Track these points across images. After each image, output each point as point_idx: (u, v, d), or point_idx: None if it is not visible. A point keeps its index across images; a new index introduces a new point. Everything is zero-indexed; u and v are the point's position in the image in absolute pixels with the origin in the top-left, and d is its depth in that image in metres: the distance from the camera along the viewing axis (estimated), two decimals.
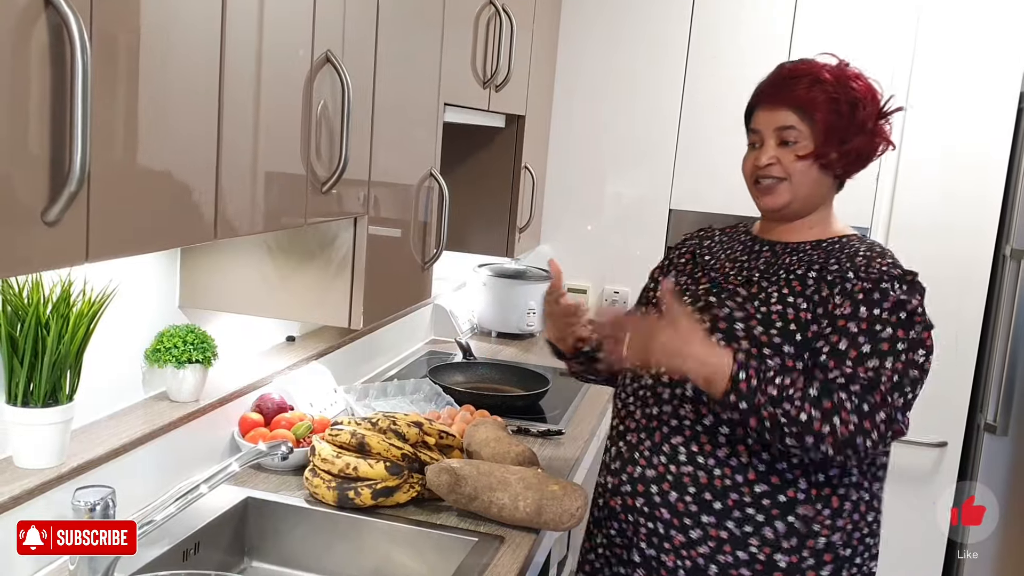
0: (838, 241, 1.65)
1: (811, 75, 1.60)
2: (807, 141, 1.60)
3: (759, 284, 1.63)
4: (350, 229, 1.80)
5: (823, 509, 1.57)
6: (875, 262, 1.56)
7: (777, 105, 1.62)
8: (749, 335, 1.56)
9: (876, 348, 1.49)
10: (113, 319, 1.63)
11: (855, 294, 1.53)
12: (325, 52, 1.53)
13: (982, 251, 3.13)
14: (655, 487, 1.61)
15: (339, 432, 1.83)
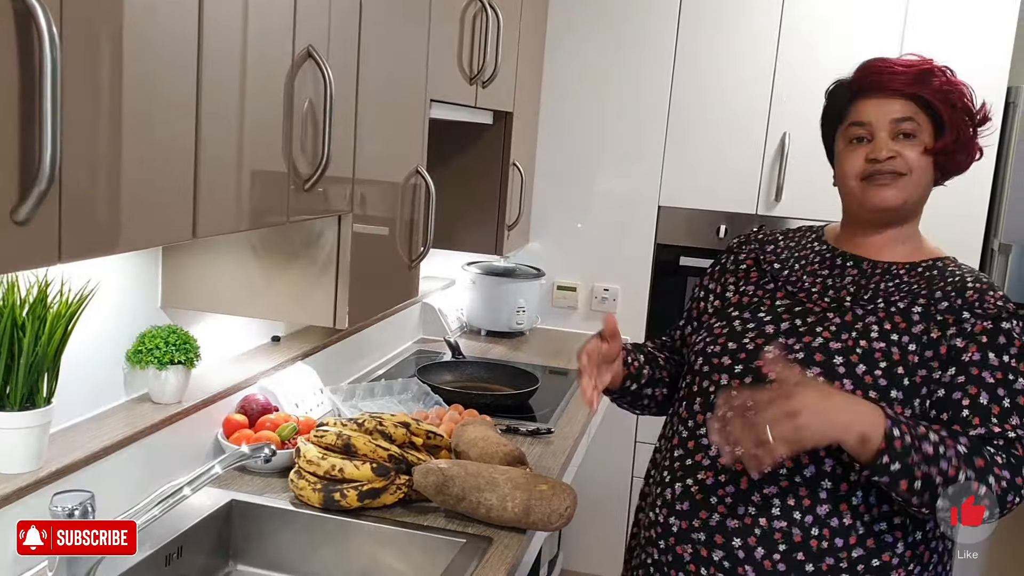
0: (935, 266, 1.51)
1: (927, 65, 1.47)
2: (927, 136, 1.47)
3: (853, 311, 1.47)
4: (334, 227, 1.77)
5: (915, 568, 1.45)
6: (988, 296, 1.43)
7: (892, 94, 1.47)
8: (851, 373, 1.40)
9: (1015, 402, 1.37)
10: (94, 320, 1.61)
11: (977, 336, 1.40)
12: (307, 47, 1.50)
13: (971, 246, 3.12)
14: (738, 540, 1.42)
15: (324, 433, 1.81)
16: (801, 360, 1.43)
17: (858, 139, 1.49)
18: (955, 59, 2.99)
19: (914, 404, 1.39)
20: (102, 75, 1.04)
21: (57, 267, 1.45)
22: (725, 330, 1.54)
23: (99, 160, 1.05)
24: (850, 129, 1.50)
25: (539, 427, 2.33)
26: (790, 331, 1.48)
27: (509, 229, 2.97)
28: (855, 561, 1.40)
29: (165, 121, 1.17)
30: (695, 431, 1.51)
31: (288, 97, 1.47)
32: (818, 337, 1.45)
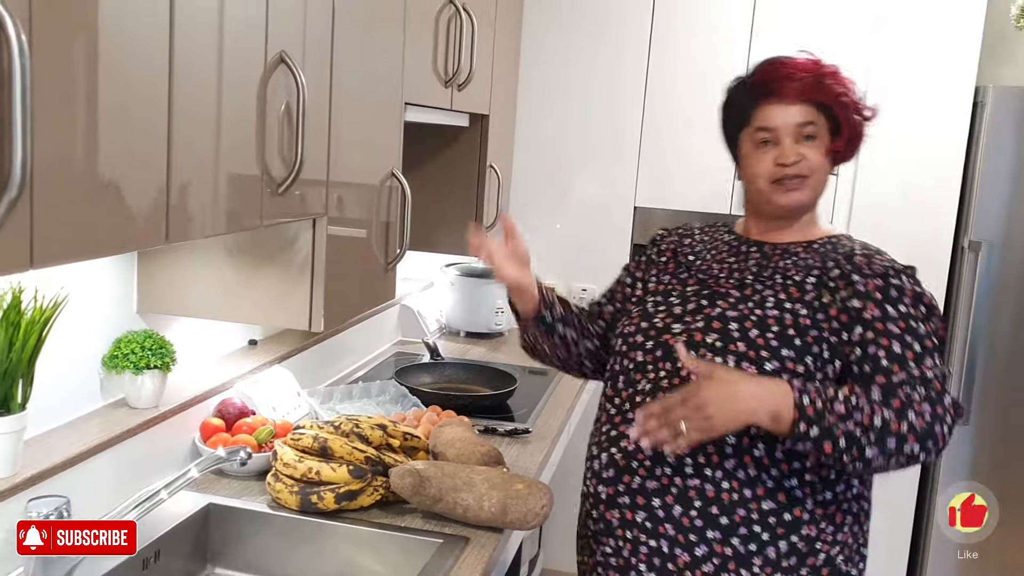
0: (828, 241, 1.62)
1: (820, 68, 1.58)
2: (825, 137, 1.57)
3: (752, 287, 1.59)
4: (310, 230, 1.78)
5: (827, 527, 1.52)
6: (875, 259, 1.55)
7: (793, 101, 1.56)
8: (744, 337, 1.52)
9: (924, 346, 1.47)
10: (69, 326, 1.61)
11: (871, 294, 1.50)
12: (279, 53, 1.51)
13: (941, 244, 3.17)
14: (657, 500, 1.52)
15: (301, 436, 1.81)
16: (701, 328, 1.56)
17: (764, 142, 1.59)
18: (923, 59, 3.06)
19: (806, 361, 1.49)
20: (73, 82, 1.04)
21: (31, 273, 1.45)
22: (640, 311, 1.68)
23: (71, 166, 1.06)
24: (757, 133, 1.59)
25: (517, 427, 2.34)
26: (696, 310, 1.60)
27: (487, 230, 2.99)
28: (766, 513, 1.49)
29: (137, 127, 1.17)
30: (621, 407, 1.61)
31: (261, 102, 1.48)
32: (717, 308, 1.58)
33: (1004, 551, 3.22)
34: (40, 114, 0.96)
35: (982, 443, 3.20)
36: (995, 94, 3.07)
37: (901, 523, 3.29)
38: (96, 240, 1.14)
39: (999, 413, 3.18)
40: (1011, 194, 3.10)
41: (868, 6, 3.11)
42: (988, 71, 3.27)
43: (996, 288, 3.13)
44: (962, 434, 3.19)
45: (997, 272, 3.12)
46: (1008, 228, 3.11)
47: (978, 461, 3.21)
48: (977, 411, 3.18)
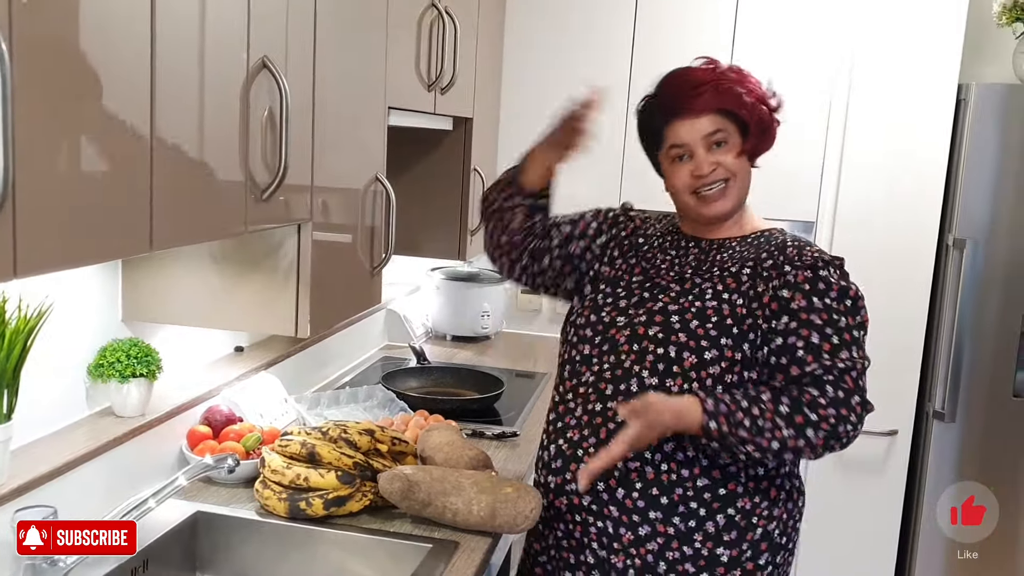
0: (762, 235, 1.70)
1: (720, 78, 1.65)
2: (736, 138, 1.65)
3: (692, 280, 1.67)
4: (295, 236, 1.78)
5: (761, 501, 1.62)
6: (805, 250, 1.63)
7: (698, 114, 1.64)
8: (685, 328, 1.61)
9: (843, 339, 1.55)
10: (54, 335, 1.60)
11: (800, 285, 1.58)
12: (261, 58, 1.51)
13: (926, 241, 3.18)
14: (602, 484, 1.62)
15: (289, 443, 1.81)
16: (643, 321, 1.65)
17: (679, 157, 1.67)
18: (905, 60, 3.08)
19: (743, 348, 1.59)
20: (54, 90, 1.04)
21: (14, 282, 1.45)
22: (590, 303, 1.76)
23: (53, 175, 1.05)
24: (671, 151, 1.68)
25: (505, 430, 2.34)
26: (638, 303, 1.69)
27: (472, 234, 2.98)
28: (701, 490, 1.59)
29: (119, 134, 1.17)
30: (564, 395, 1.73)
31: (244, 108, 1.47)
32: (659, 302, 1.67)
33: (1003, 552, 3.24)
34: (21, 123, 0.95)
35: (968, 440, 3.21)
36: (978, 91, 3.08)
37: (889, 524, 3.30)
38: (80, 249, 1.13)
39: (984, 410, 3.19)
40: (995, 191, 3.12)
41: (851, 5, 3.12)
42: (971, 68, 3.29)
43: (981, 285, 3.14)
44: (948, 432, 3.21)
45: (982, 269, 3.14)
46: (992, 225, 3.13)
47: (964, 458, 3.23)
48: (962, 408, 3.19)
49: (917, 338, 3.22)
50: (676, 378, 1.60)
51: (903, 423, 3.25)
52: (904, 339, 3.21)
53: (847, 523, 3.29)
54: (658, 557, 1.61)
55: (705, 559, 1.60)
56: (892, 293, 3.19)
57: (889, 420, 3.25)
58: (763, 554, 1.63)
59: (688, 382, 1.59)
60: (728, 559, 1.60)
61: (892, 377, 3.23)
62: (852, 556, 3.32)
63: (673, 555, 1.60)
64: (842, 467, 3.31)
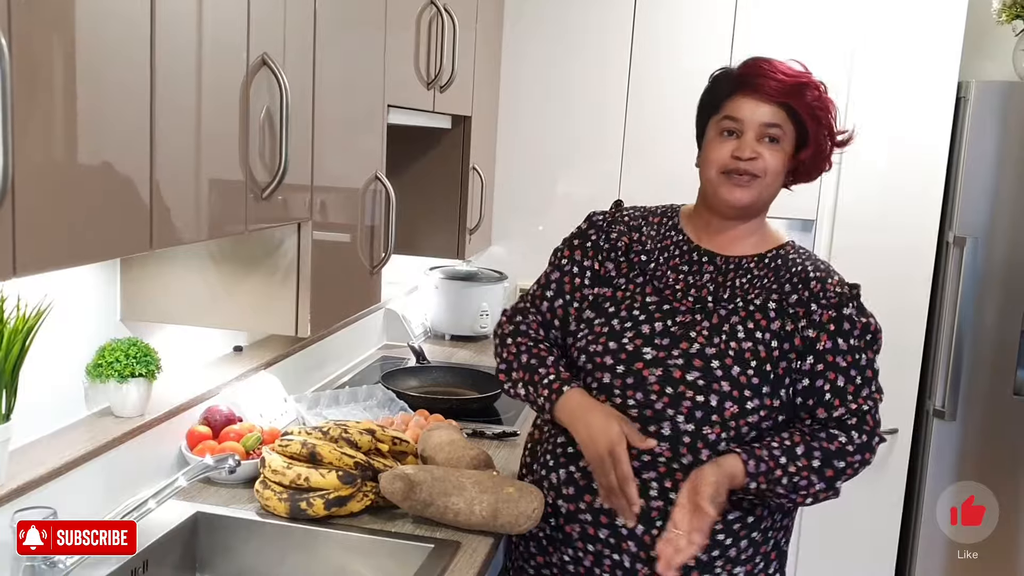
0: (779, 255, 1.65)
1: (805, 78, 1.58)
2: (788, 142, 1.59)
3: (717, 313, 1.59)
4: (294, 235, 1.77)
5: (779, 516, 1.65)
6: (828, 284, 1.59)
7: (768, 99, 1.56)
8: (728, 376, 1.53)
9: (864, 377, 1.57)
10: (52, 335, 1.59)
11: (826, 325, 1.56)
12: (261, 55, 1.50)
13: (926, 239, 3.17)
14: (620, 520, 1.57)
15: (289, 442, 1.80)
16: (680, 366, 1.55)
17: (728, 132, 1.59)
18: (906, 57, 3.07)
19: (780, 394, 1.56)
20: (53, 87, 1.03)
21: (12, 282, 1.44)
22: (605, 329, 1.63)
23: (53, 173, 1.04)
24: (723, 121, 1.60)
25: (505, 430, 2.33)
26: (663, 332, 1.59)
27: (470, 233, 2.98)
28: (731, 522, 1.57)
29: (119, 132, 1.16)
30: None
31: (244, 105, 1.46)
32: (694, 344, 1.57)
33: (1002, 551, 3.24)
34: (20, 121, 0.95)
35: (967, 439, 3.21)
36: (978, 88, 3.08)
37: (889, 523, 3.30)
38: (80, 247, 1.12)
39: (984, 409, 3.19)
40: (995, 188, 3.11)
41: (850, 3, 3.11)
42: (970, 66, 3.28)
43: (981, 283, 3.14)
44: (948, 431, 3.20)
45: (982, 267, 3.13)
46: (992, 222, 3.12)
47: (965, 457, 3.22)
48: (963, 407, 3.19)
49: (917, 336, 3.21)
50: (715, 427, 1.53)
51: (903, 422, 3.25)
52: (904, 337, 3.20)
53: (847, 522, 3.28)
54: None
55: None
56: (892, 291, 3.19)
57: (889, 419, 3.20)
58: (772, 563, 1.66)
59: (726, 431, 1.53)
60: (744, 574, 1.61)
61: (892, 376, 3.18)
62: (852, 555, 3.31)
63: None
64: None
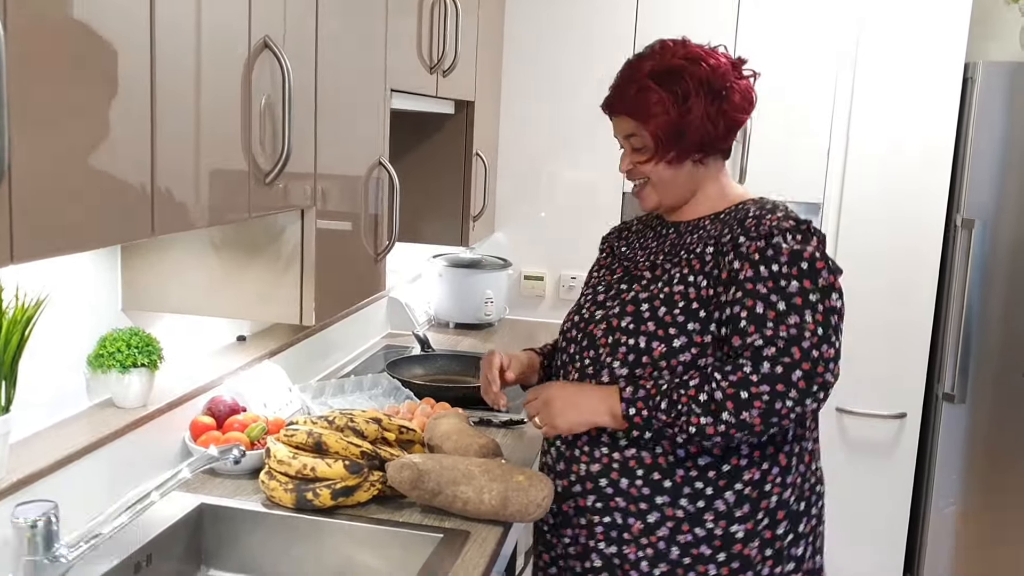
0: (735, 209, 1.64)
1: (636, 81, 1.61)
2: (648, 145, 1.62)
3: (663, 266, 1.64)
4: (298, 222, 1.74)
5: (771, 467, 1.58)
6: (765, 219, 1.55)
7: (616, 113, 1.65)
8: (654, 316, 1.58)
9: (791, 304, 1.48)
10: (53, 325, 1.57)
11: (751, 255, 1.52)
12: (263, 38, 1.46)
13: (933, 222, 3.14)
14: (604, 480, 1.61)
15: (294, 432, 1.77)
16: (617, 314, 1.62)
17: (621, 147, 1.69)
18: (913, 39, 3.03)
19: (711, 330, 1.55)
20: (51, 71, 1.00)
21: (11, 271, 1.41)
22: (575, 307, 1.77)
23: (51, 157, 1.01)
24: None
25: (512, 418, 2.31)
26: (615, 295, 1.68)
27: (474, 220, 2.95)
28: (704, 468, 1.56)
29: (119, 116, 1.13)
30: None
31: (246, 89, 1.43)
32: (631, 291, 1.65)
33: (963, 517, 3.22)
34: (18, 105, 0.92)
35: (976, 421, 3.19)
36: (985, 69, 3.04)
37: (899, 507, 3.28)
38: (80, 233, 1.09)
39: (993, 391, 3.17)
40: (1002, 170, 3.08)
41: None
42: (977, 47, 3.25)
43: (989, 265, 3.11)
44: (957, 414, 3.18)
45: (990, 249, 3.10)
46: (1000, 205, 3.09)
47: (974, 441, 3.20)
48: (972, 389, 3.17)
49: (926, 320, 3.19)
50: (646, 368, 1.57)
51: (912, 406, 3.23)
52: (912, 321, 3.18)
53: (856, 506, 3.27)
54: (670, 543, 1.58)
55: (720, 538, 1.57)
56: (900, 274, 3.16)
57: (898, 403, 3.22)
58: (781, 523, 1.59)
59: (659, 371, 1.57)
60: (744, 534, 1.57)
61: (901, 359, 3.20)
62: (861, 539, 3.29)
63: (685, 538, 1.57)
64: (850, 449, 3.28)
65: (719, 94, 1.59)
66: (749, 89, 1.64)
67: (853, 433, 3.28)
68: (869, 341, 3.19)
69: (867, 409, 3.24)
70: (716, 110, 1.59)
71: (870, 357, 3.20)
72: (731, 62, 1.63)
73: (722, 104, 1.59)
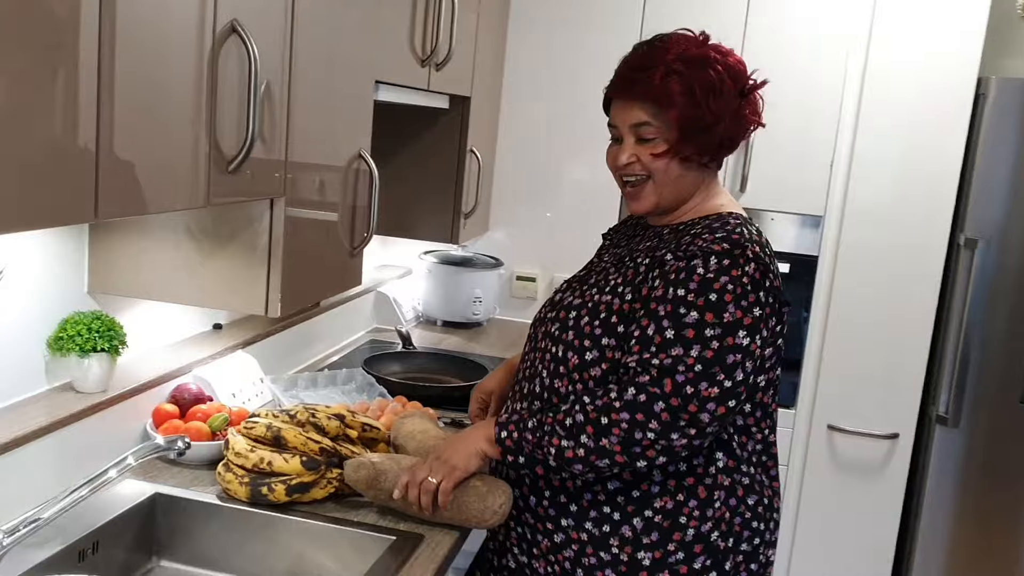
0: (696, 223, 1.54)
1: (663, 64, 1.49)
2: (664, 137, 1.50)
3: (607, 272, 1.59)
4: (268, 212, 1.70)
5: (687, 500, 1.49)
6: (700, 239, 1.46)
7: (630, 99, 1.52)
8: (576, 326, 1.53)
9: (680, 335, 1.40)
10: (13, 304, 1.54)
11: (669, 275, 1.44)
12: (231, 21, 1.43)
13: (936, 240, 3.08)
14: (518, 491, 1.60)
15: (254, 425, 1.74)
16: (551, 317, 1.59)
17: (613, 138, 1.58)
18: (925, 46, 2.97)
19: (623, 347, 1.47)
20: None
21: None
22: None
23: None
24: (609, 127, 1.59)
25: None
26: (562, 298, 1.63)
27: (466, 217, 2.91)
28: (613, 493, 1.50)
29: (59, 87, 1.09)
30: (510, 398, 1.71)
31: (211, 73, 1.40)
32: (571, 296, 1.60)
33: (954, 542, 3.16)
34: None
35: (972, 443, 3.12)
36: (998, 86, 2.97)
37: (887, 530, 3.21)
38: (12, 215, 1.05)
39: (989, 415, 3.10)
40: (1010, 190, 3.01)
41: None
42: (991, 62, 3.18)
43: (991, 286, 3.04)
44: (951, 438, 3.11)
45: (993, 270, 3.03)
46: (1006, 225, 3.02)
47: (967, 466, 3.13)
48: (968, 411, 3.10)
49: (923, 339, 3.12)
50: (563, 379, 1.53)
51: (905, 426, 3.16)
52: (909, 339, 3.12)
53: (843, 528, 3.21)
54: (575, 564, 1.53)
55: (625, 564, 1.50)
56: (899, 291, 3.10)
57: (890, 423, 3.16)
58: (698, 557, 1.49)
59: (572, 384, 1.52)
60: (651, 562, 1.49)
61: (895, 378, 3.14)
62: (847, 562, 3.23)
63: (589, 561, 1.52)
64: (839, 468, 3.22)
65: (744, 94, 1.53)
66: (759, 95, 1.57)
67: (843, 452, 3.22)
68: (863, 358, 3.13)
69: (858, 428, 3.18)
70: (739, 110, 1.52)
71: (864, 375, 3.14)
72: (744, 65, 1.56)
73: (744, 105, 1.53)
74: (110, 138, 1.19)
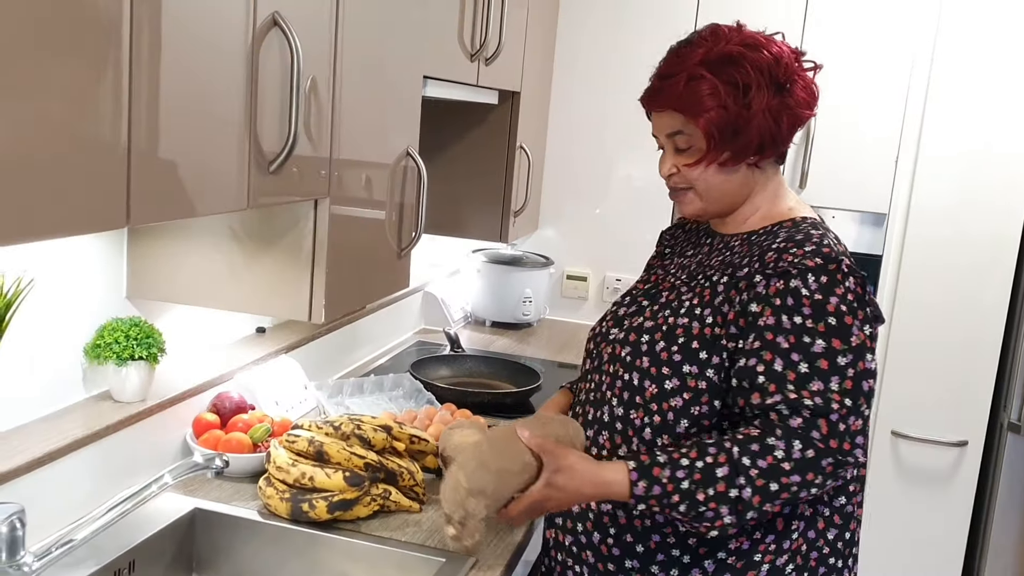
0: (770, 231, 1.44)
1: (685, 70, 1.40)
2: (696, 146, 1.42)
3: (679, 289, 1.48)
4: (312, 213, 1.63)
5: (765, 536, 1.38)
6: (786, 254, 1.35)
7: (660, 108, 1.45)
8: (651, 351, 1.41)
9: (815, 367, 1.29)
10: (51, 311, 1.48)
11: (771, 299, 1.32)
12: (272, 14, 1.35)
13: (1009, 235, 2.92)
14: (580, 526, 1.48)
15: (296, 438, 1.66)
16: (621, 340, 1.47)
17: (660, 147, 1.50)
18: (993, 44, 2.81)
19: (708, 375, 1.36)
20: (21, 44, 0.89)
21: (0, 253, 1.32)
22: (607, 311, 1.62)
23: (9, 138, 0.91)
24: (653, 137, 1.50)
25: None
26: (634, 312, 1.52)
27: (515, 215, 2.82)
28: (684, 535, 1.39)
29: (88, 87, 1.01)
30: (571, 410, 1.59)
31: (251, 69, 1.32)
32: (641, 316, 1.49)
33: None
34: None
35: None
36: None
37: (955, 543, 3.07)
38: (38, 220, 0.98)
39: None
40: None
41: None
42: None
43: None
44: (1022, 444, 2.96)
45: None
46: None
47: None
48: None
49: (993, 342, 2.97)
50: (639, 410, 1.41)
51: (974, 433, 3.02)
52: (979, 342, 2.97)
53: (908, 538, 3.07)
54: None
55: None
56: (968, 291, 2.96)
57: (958, 430, 3.02)
58: None
59: (649, 415, 1.40)
60: None
61: (963, 383, 3.00)
62: (916, 571, 3.09)
63: None
64: (903, 477, 3.09)
65: (782, 86, 1.39)
66: (812, 83, 1.44)
67: (908, 459, 3.08)
68: (930, 361, 2.99)
69: (925, 434, 3.04)
70: (779, 104, 1.39)
71: (931, 378, 3.00)
72: (792, 51, 1.43)
73: (785, 98, 1.40)
74: (145, 139, 1.12)
